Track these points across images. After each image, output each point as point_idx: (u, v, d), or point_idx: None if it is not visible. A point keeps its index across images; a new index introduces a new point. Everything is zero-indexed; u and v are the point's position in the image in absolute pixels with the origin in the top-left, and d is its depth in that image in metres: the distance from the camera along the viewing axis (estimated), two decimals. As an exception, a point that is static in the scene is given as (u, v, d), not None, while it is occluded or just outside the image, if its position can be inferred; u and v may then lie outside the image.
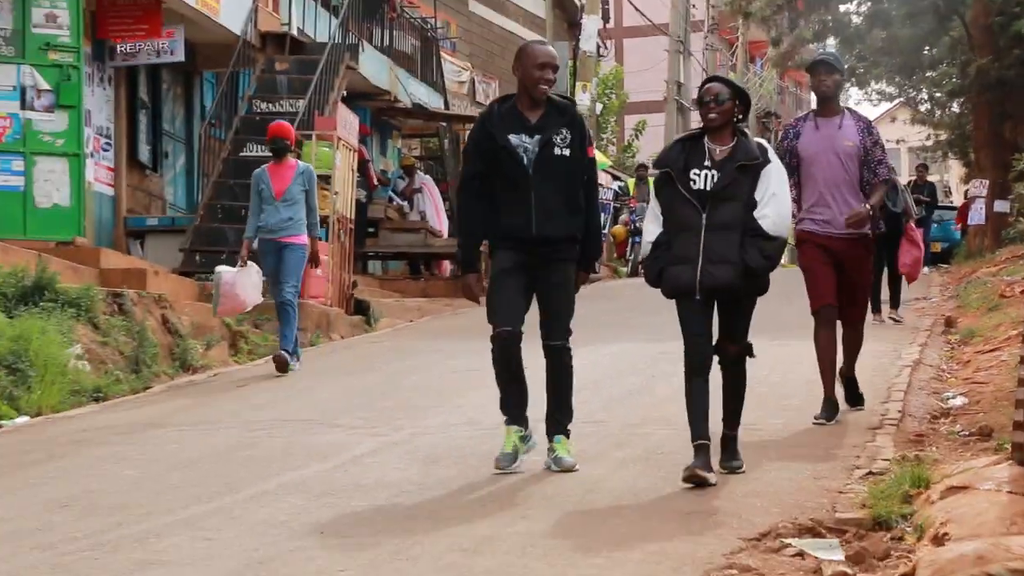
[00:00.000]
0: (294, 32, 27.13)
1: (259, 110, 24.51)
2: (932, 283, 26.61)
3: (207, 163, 24.96)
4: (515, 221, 9.75)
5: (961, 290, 23.54)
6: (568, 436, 9.97)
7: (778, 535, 8.17)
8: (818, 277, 11.64)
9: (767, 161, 9.26)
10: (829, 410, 11.49)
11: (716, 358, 9.56)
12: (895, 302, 20.75)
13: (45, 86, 20.27)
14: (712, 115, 9.21)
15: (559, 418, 9.95)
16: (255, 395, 15.05)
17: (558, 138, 9.77)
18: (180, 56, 23.63)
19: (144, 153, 25.05)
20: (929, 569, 7.11)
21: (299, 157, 17.21)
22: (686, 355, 9.26)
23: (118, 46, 22.97)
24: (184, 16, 23.29)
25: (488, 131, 9.86)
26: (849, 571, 7.45)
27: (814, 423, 11.35)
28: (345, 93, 25.83)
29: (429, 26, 32.97)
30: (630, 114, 56.52)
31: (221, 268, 15.93)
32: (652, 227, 9.42)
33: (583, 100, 34.82)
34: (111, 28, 22.76)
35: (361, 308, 23.08)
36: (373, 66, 28.60)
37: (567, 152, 9.72)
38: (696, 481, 8.98)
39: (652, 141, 46.89)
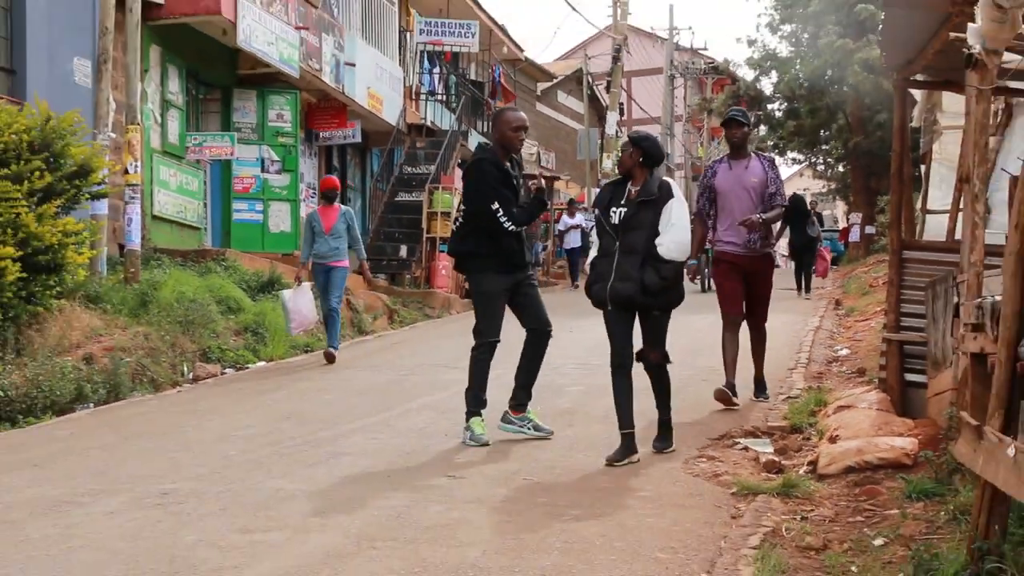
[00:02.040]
0: (428, 123, 27.17)
1: (406, 172, 24.55)
2: (827, 278, 26.47)
3: (374, 205, 25.12)
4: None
5: (845, 282, 23.46)
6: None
7: (731, 436, 8.12)
8: (727, 291, 9.70)
9: (668, 196, 7.51)
10: (731, 390, 9.40)
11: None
12: (808, 288, 22.31)
13: (276, 158, 20.44)
14: (623, 163, 7.73)
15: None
16: (404, 349, 15.05)
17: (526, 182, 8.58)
18: (358, 139, 23.76)
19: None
20: (827, 458, 7.04)
21: (344, 202, 15.86)
22: (611, 355, 7.55)
23: (320, 133, 23.11)
24: (360, 114, 23.41)
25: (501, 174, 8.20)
26: (776, 459, 7.38)
27: (715, 394, 9.35)
28: (460, 160, 25.81)
29: (512, 119, 32.86)
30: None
31: (283, 292, 14.17)
32: (592, 252, 7.93)
33: (607, 164, 34.74)
34: (316, 122, 22.91)
35: (469, 293, 23.04)
36: (476, 143, 28.56)
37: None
38: (618, 464, 7.28)
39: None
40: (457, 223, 8.40)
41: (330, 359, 13.41)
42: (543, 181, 25.10)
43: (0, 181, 11.14)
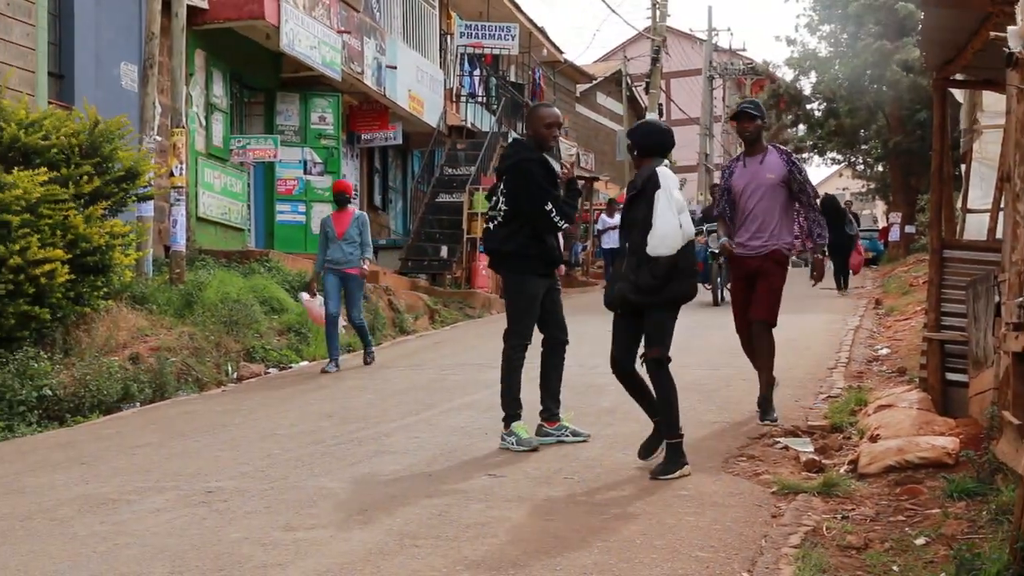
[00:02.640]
0: (469, 125, 27.20)
1: (447, 174, 24.55)
2: (866, 277, 26.31)
3: (415, 206, 25.17)
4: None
5: (885, 282, 23.26)
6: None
7: (771, 435, 8.05)
8: (735, 303, 8.88)
9: (654, 188, 7.01)
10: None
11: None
12: (846, 285, 22.43)
13: (318, 160, 20.52)
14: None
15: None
16: (445, 348, 15.06)
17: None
18: (399, 141, 23.86)
19: (377, 199, 25.27)
20: (868, 457, 6.98)
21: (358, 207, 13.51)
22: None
23: (362, 135, 23.20)
24: (401, 116, 23.48)
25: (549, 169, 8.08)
26: (817, 458, 7.32)
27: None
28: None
29: (551, 121, 32.81)
30: (677, 174, 56.01)
31: (302, 294, 13.85)
32: None
33: (647, 165, 34.65)
34: (358, 124, 23.02)
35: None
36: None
37: None
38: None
39: (687, 191, 46.62)
40: (494, 222, 8.05)
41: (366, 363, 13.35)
42: (574, 169, 24.94)
43: (49, 184, 11.25)
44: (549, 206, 7.78)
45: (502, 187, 7.97)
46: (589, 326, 11.11)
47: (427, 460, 7.52)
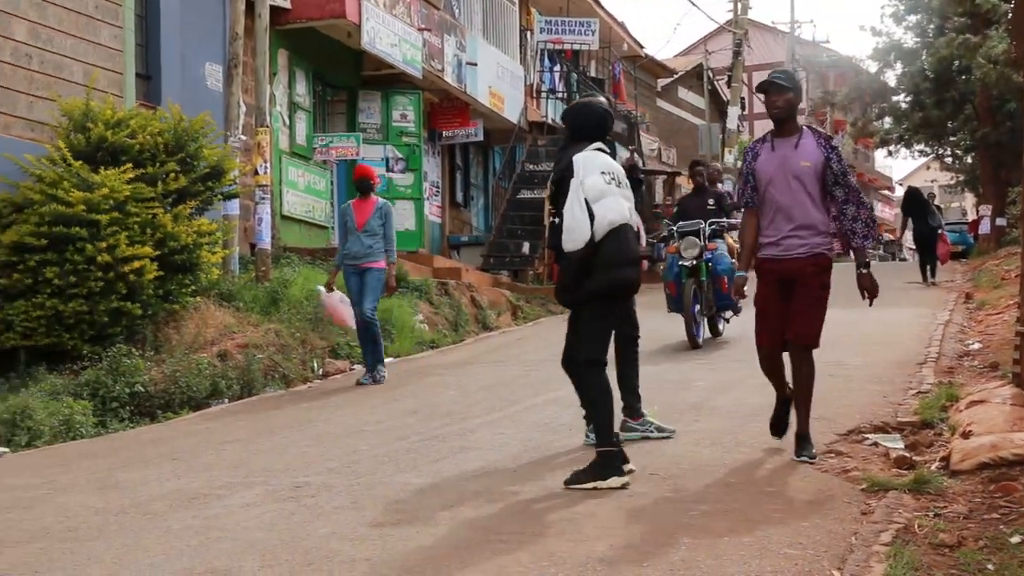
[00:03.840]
0: (549, 121, 27.18)
1: (528, 170, 24.54)
2: (956, 271, 25.87)
3: (497, 203, 25.25)
4: None
5: (975, 275, 22.87)
6: None
7: (860, 432, 7.95)
8: (763, 316, 7.13)
9: (570, 176, 6.54)
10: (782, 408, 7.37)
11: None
12: (933, 274, 22.54)
13: (400, 156, 20.65)
14: None
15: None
16: (527, 344, 15.08)
17: None
18: (480, 137, 23.94)
19: (459, 196, 25.37)
20: (960, 454, 6.86)
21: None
22: None
23: (443, 132, 23.31)
24: (482, 113, 23.54)
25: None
26: (907, 455, 7.22)
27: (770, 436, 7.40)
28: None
29: (633, 115, 32.72)
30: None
31: (319, 288, 12.73)
32: None
33: (729, 158, 34.45)
34: (439, 121, 23.16)
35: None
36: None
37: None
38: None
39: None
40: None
41: (374, 380, 11.67)
42: (636, 156, 24.71)
43: (136, 183, 11.45)
44: None
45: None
46: (675, 321, 11.06)
47: (511, 456, 7.53)
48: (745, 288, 7.43)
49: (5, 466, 8.38)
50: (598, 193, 6.52)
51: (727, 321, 13.84)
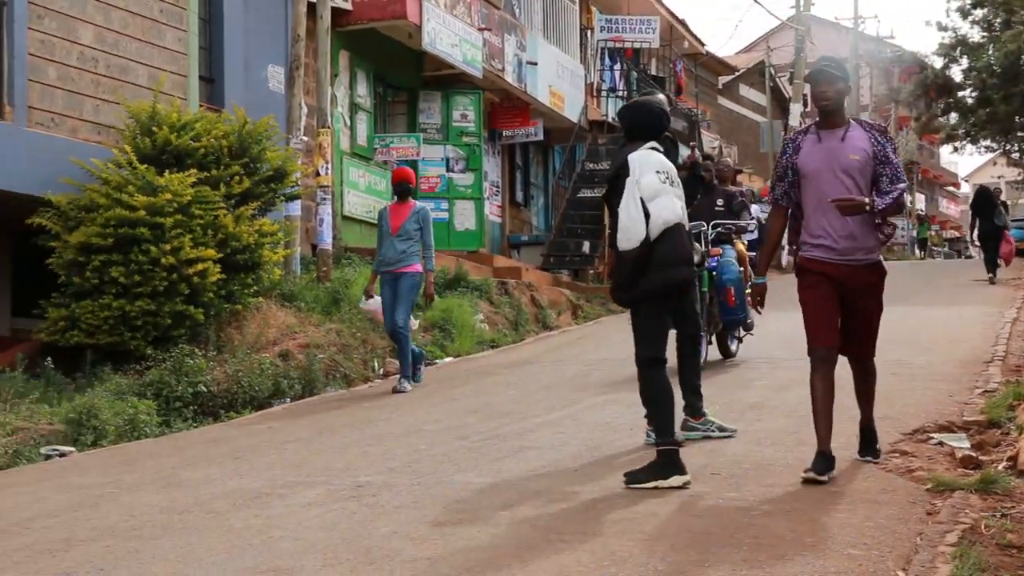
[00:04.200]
0: (610, 120, 27.10)
1: (588, 169, 24.48)
2: (1023, 269, 25.49)
3: (556, 202, 25.25)
4: None
5: (1044, 273, 22.61)
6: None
7: (925, 431, 7.86)
8: (817, 312, 6.57)
9: (625, 175, 6.53)
10: (821, 464, 6.43)
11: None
12: (993, 272, 22.42)
13: (461, 156, 20.71)
14: None
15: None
16: (587, 343, 15.06)
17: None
18: (540, 137, 23.94)
19: (519, 196, 25.38)
20: (1027, 454, 6.75)
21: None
22: None
23: (503, 132, 23.35)
24: (542, 112, 23.53)
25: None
26: (973, 454, 7.11)
27: (803, 478, 6.39)
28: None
29: (693, 113, 32.53)
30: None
31: (363, 296, 12.22)
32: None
33: (792, 156, 34.18)
34: (499, 121, 23.20)
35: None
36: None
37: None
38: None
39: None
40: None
41: (396, 390, 11.28)
42: (698, 153, 24.41)
43: (199, 186, 11.57)
44: None
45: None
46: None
47: (571, 456, 7.52)
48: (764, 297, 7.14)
49: (72, 465, 8.50)
50: (653, 192, 6.52)
51: (740, 340, 12.20)
